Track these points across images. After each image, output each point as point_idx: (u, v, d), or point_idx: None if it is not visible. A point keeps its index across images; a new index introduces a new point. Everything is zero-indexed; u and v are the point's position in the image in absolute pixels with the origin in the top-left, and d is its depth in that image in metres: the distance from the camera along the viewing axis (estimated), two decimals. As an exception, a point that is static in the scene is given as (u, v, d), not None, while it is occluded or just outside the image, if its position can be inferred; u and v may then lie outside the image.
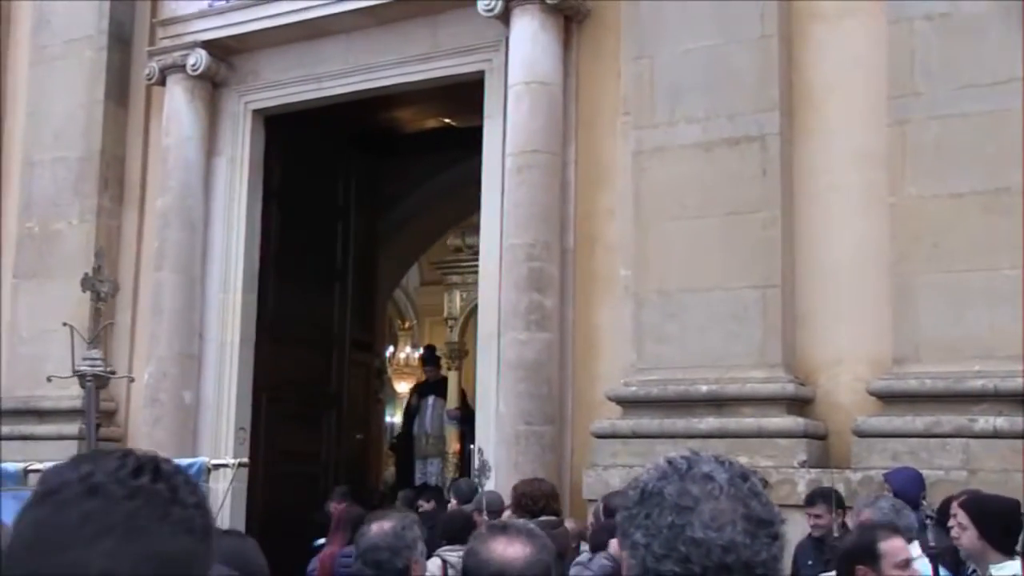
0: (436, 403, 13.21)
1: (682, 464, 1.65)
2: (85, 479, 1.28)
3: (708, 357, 7.80)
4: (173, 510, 1.28)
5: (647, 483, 1.64)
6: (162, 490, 1.29)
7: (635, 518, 1.62)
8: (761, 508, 1.61)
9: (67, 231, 10.94)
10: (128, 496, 1.27)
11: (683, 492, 1.60)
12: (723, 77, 8.05)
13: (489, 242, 9.33)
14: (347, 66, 10.29)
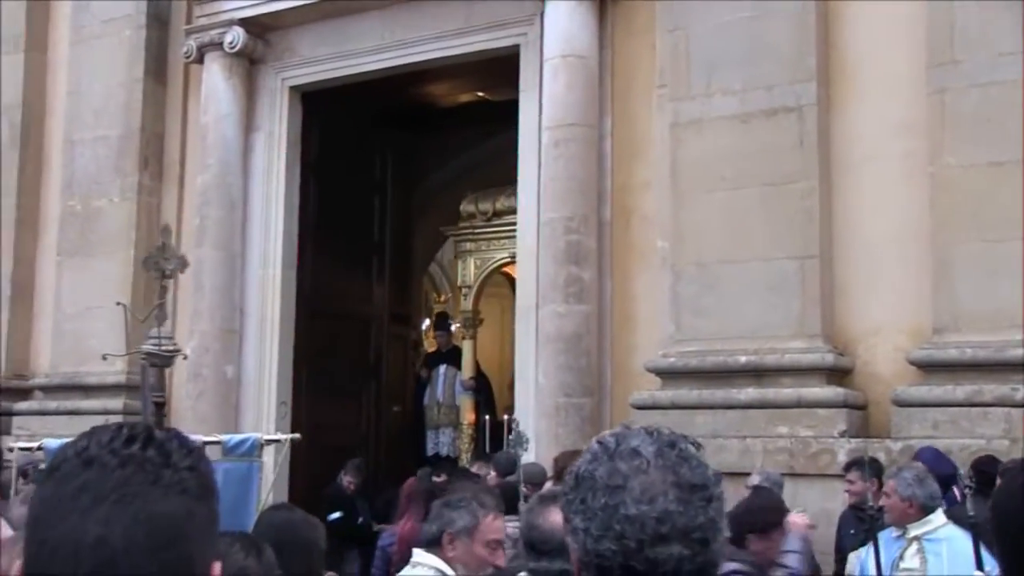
0: (448, 372, 12.89)
1: (611, 442, 1.65)
2: (81, 453, 1.34)
3: (746, 328, 7.83)
4: (164, 473, 1.33)
5: (580, 468, 1.65)
6: (153, 456, 1.33)
7: (572, 503, 1.63)
8: (691, 473, 1.60)
9: (108, 209, 11.07)
10: (120, 464, 1.32)
11: (612, 472, 1.60)
12: (759, 48, 8.03)
13: (526, 216, 9.37)
14: (383, 42, 10.33)
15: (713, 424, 7.77)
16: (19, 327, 11.64)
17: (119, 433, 1.37)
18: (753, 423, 7.61)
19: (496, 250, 12.64)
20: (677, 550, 1.55)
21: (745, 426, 7.63)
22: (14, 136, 11.87)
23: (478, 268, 12.71)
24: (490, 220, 12.58)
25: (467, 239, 12.82)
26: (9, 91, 11.97)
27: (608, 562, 1.57)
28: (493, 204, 12.55)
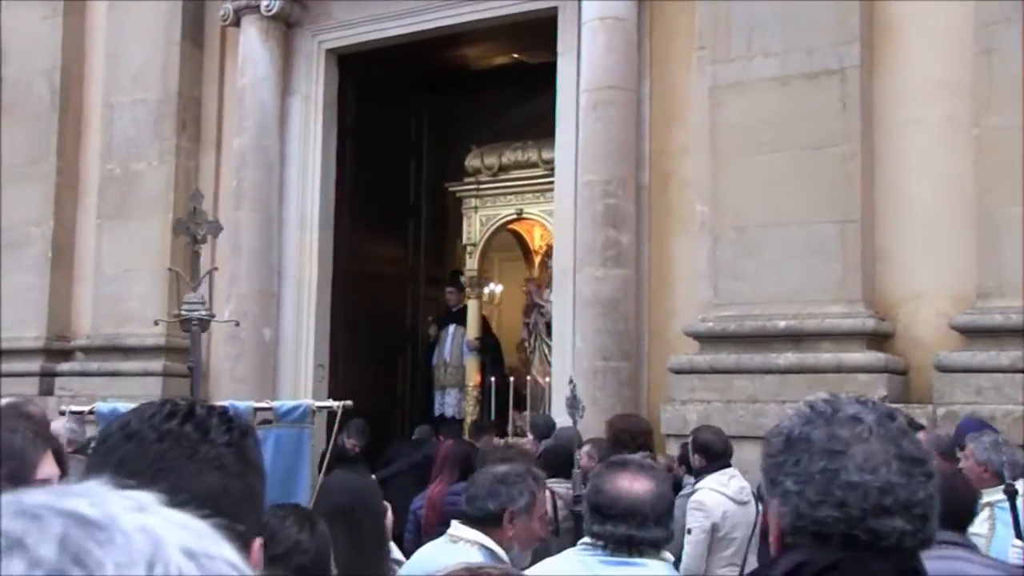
0: (457, 332, 12.39)
1: (825, 408, 1.61)
2: (124, 427, 1.39)
3: (786, 292, 7.78)
4: (201, 448, 1.36)
5: (791, 429, 1.61)
6: (190, 432, 1.37)
7: (783, 466, 1.59)
8: (912, 447, 1.58)
9: (147, 172, 11.12)
10: (158, 439, 1.36)
11: (832, 436, 1.56)
12: (800, 10, 7.93)
13: (564, 179, 9.34)
14: (418, 4, 10.28)
15: (752, 389, 7.75)
16: (60, 289, 11.75)
17: (161, 409, 1.41)
18: (792, 388, 7.57)
19: (503, 206, 12.04)
20: (900, 524, 1.52)
21: (784, 391, 7.59)
22: (54, 100, 11.92)
23: (483, 225, 12.05)
24: (496, 175, 11.95)
25: (472, 195, 12.14)
26: (48, 55, 12.02)
27: (828, 529, 1.53)
28: (499, 158, 11.90)
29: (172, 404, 1.43)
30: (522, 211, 11.77)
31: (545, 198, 11.05)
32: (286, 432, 5.57)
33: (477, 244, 11.89)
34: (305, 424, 5.60)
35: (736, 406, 7.69)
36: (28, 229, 11.84)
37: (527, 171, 11.64)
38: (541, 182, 11.25)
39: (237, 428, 1.42)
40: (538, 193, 11.41)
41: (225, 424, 1.41)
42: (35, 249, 11.78)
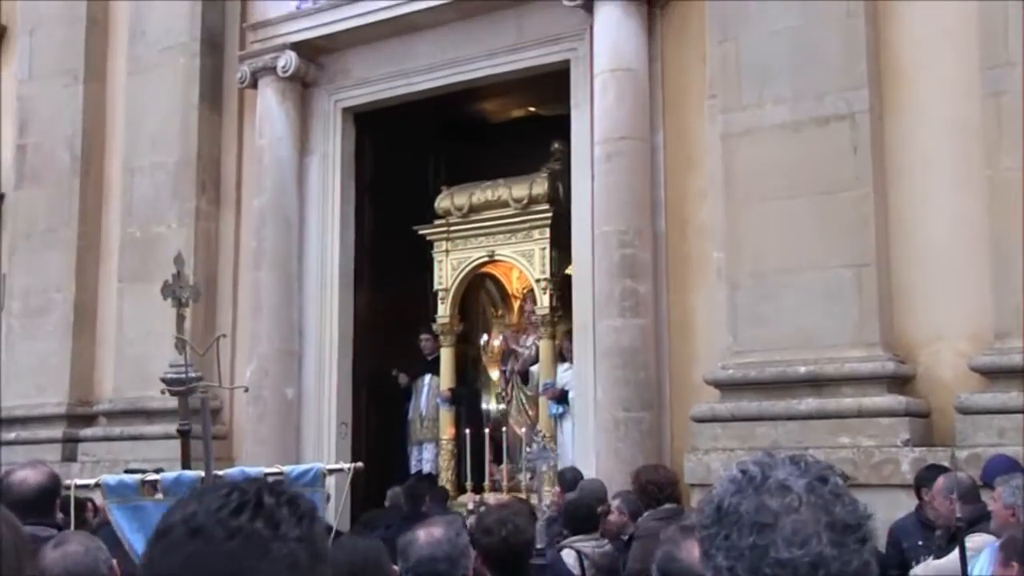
0: (432, 382, 11.51)
1: (756, 473, 1.54)
2: (188, 520, 1.32)
3: (805, 338, 7.76)
4: (274, 547, 1.29)
5: (722, 498, 1.54)
6: (260, 529, 1.30)
7: (715, 539, 1.53)
8: (845, 512, 1.51)
9: (167, 234, 11.22)
10: (228, 537, 1.29)
11: (760, 507, 1.50)
12: (809, 56, 7.99)
13: (580, 229, 9.39)
14: (435, 61, 10.42)
15: (774, 435, 7.71)
16: (83, 354, 11.82)
17: (228, 500, 1.33)
18: (814, 433, 7.54)
19: (474, 248, 11.11)
20: None
21: (806, 437, 7.55)
22: (75, 165, 12.09)
23: (455, 270, 11.10)
24: (467, 216, 11.07)
25: (442, 237, 11.15)
26: (70, 121, 12.21)
27: None
28: (469, 198, 11.07)
29: (240, 493, 1.34)
30: (494, 253, 11.04)
31: (517, 238, 10.79)
32: None
33: (449, 290, 11.12)
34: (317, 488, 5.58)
35: (759, 453, 7.63)
36: (50, 295, 11.94)
37: (498, 211, 10.93)
38: (512, 222, 10.82)
39: (307, 516, 1.35)
40: (509, 234, 10.87)
41: (296, 515, 1.34)
42: (57, 314, 11.88)
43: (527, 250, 10.68)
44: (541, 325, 10.58)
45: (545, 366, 10.45)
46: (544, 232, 10.51)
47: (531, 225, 10.63)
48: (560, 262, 10.52)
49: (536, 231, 10.59)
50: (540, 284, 10.57)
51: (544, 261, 10.50)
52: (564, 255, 10.43)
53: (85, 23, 12.32)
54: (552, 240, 10.43)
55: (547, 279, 10.48)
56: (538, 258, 10.56)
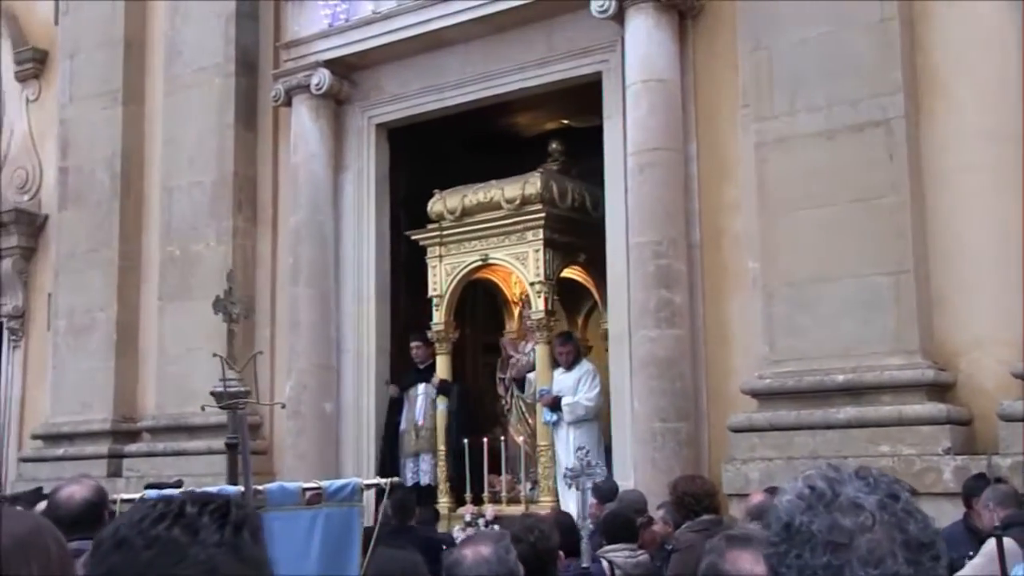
0: (427, 391, 10.88)
1: (824, 489, 1.53)
2: (114, 533, 1.36)
3: (842, 346, 7.72)
4: (191, 552, 1.32)
5: (792, 516, 1.53)
6: (178, 536, 1.33)
7: (785, 556, 1.52)
8: (918, 530, 1.49)
9: (206, 252, 11.34)
10: (146, 546, 1.32)
11: (833, 526, 1.49)
12: (843, 63, 7.95)
13: (615, 241, 9.37)
14: (466, 75, 10.46)
15: (812, 445, 7.67)
16: (126, 371, 11.96)
17: (152, 511, 1.37)
18: (854, 442, 7.49)
19: (467, 253, 10.63)
20: None
21: (845, 446, 7.50)
22: (114, 186, 12.24)
23: (448, 275, 10.62)
24: (460, 219, 10.62)
25: (435, 242, 10.69)
26: (109, 143, 12.37)
27: None
28: (462, 201, 10.61)
29: (164, 504, 1.38)
30: (487, 256, 10.53)
31: (510, 240, 10.36)
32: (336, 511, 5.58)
33: (444, 295, 10.61)
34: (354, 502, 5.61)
35: (798, 463, 7.60)
36: (94, 314, 12.10)
37: (491, 213, 10.47)
38: (505, 224, 10.38)
39: (231, 523, 1.37)
40: (502, 236, 10.42)
41: (217, 521, 1.36)
42: (100, 333, 12.03)
43: (521, 253, 10.30)
44: (537, 330, 10.27)
45: (542, 372, 10.17)
46: (538, 233, 10.14)
47: (524, 227, 10.24)
48: (555, 264, 10.29)
49: (530, 232, 10.20)
50: (535, 288, 10.21)
51: (539, 263, 10.13)
52: (560, 257, 10.34)
53: (123, 46, 12.49)
54: (547, 242, 10.13)
55: (541, 282, 10.13)
56: (532, 260, 10.18)
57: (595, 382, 9.89)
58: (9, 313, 13.47)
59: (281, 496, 5.80)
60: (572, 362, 10.06)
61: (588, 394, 9.83)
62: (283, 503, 5.77)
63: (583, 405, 9.78)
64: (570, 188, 10.60)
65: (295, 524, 5.65)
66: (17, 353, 13.46)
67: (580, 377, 9.96)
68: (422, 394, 10.98)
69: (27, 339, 13.42)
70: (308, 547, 5.66)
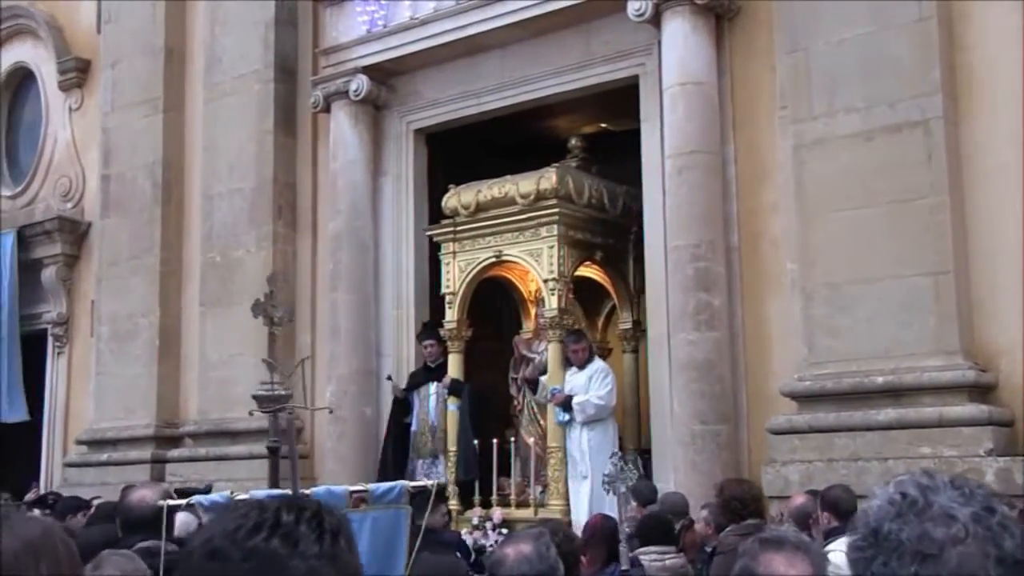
0: (439, 391, 10.46)
1: (916, 496, 1.49)
2: (206, 544, 1.32)
3: (882, 348, 7.69)
4: (291, 564, 1.29)
5: (880, 523, 1.50)
6: (277, 547, 1.29)
7: (870, 563, 1.49)
8: (1014, 546, 1.43)
9: (246, 258, 11.45)
10: (243, 558, 1.28)
11: (923, 536, 1.44)
12: (881, 64, 7.92)
13: (653, 244, 9.37)
14: (503, 80, 10.51)
15: (853, 447, 7.65)
16: (168, 377, 12.09)
17: (245, 520, 1.33)
18: (894, 444, 7.46)
19: (481, 249, 10.26)
20: None
21: (886, 448, 7.48)
22: (156, 193, 12.39)
23: (462, 272, 10.29)
24: (474, 215, 10.29)
25: (449, 239, 10.36)
26: (150, 150, 12.51)
27: None
28: (476, 196, 10.27)
29: (258, 513, 1.34)
30: (501, 253, 10.16)
31: (524, 237, 10.00)
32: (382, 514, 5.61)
33: (457, 293, 10.28)
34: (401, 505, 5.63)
35: (838, 465, 7.59)
36: (136, 320, 12.24)
37: (505, 209, 10.14)
38: (519, 219, 10.02)
39: (329, 532, 1.34)
40: (516, 232, 10.05)
41: (316, 531, 1.33)
42: (143, 339, 12.17)
43: (535, 249, 9.94)
44: (550, 328, 9.88)
45: (553, 372, 9.82)
46: (552, 230, 9.82)
47: (538, 223, 9.90)
48: (570, 262, 9.97)
49: (544, 229, 9.88)
50: (548, 285, 9.83)
51: (552, 260, 9.78)
52: (576, 254, 10.09)
53: (163, 54, 12.64)
54: (561, 238, 9.81)
55: (555, 279, 9.76)
56: (546, 257, 9.84)
57: (607, 380, 9.61)
58: (53, 320, 13.65)
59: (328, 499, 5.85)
60: (585, 361, 9.75)
61: (599, 392, 9.50)
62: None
63: (593, 404, 9.45)
64: (587, 185, 10.32)
65: None
66: (61, 359, 13.64)
67: (592, 375, 9.65)
68: (433, 394, 10.58)
69: (71, 345, 13.61)
70: None
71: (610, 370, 9.82)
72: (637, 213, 10.02)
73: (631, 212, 10.39)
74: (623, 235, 10.64)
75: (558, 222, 9.83)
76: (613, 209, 10.46)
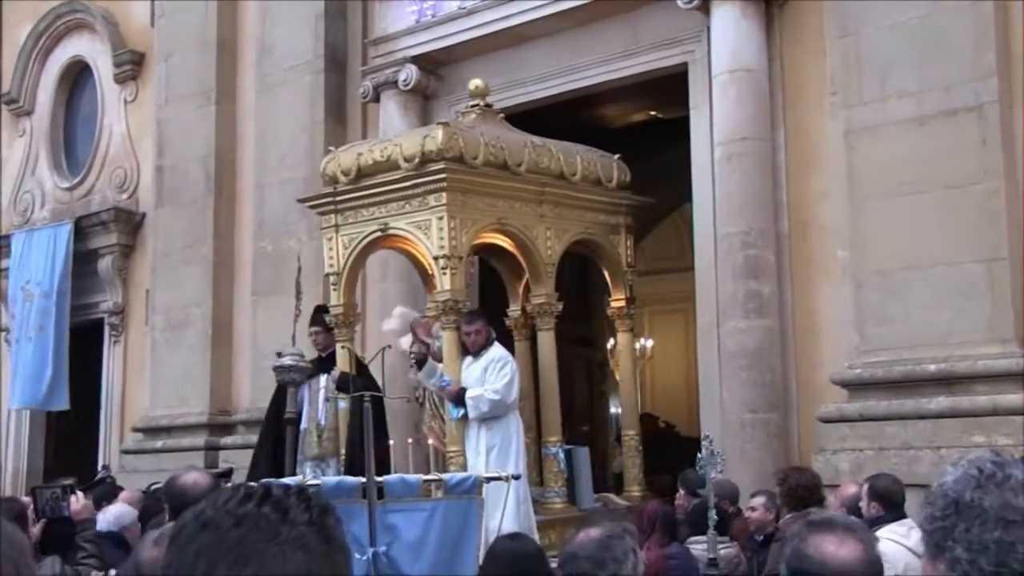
0: (329, 384, 9.13)
1: (995, 472, 1.58)
2: (198, 516, 1.34)
3: (934, 335, 7.59)
4: (282, 530, 1.30)
5: (960, 494, 1.58)
6: (268, 513, 1.31)
7: (951, 531, 1.56)
8: None
9: (297, 248, 11.51)
10: (235, 524, 1.30)
11: (1005, 504, 1.53)
12: (934, 48, 7.81)
13: (702, 231, 9.33)
14: (551, 69, 10.50)
15: (904, 435, 7.57)
16: (221, 366, 12.23)
17: (236, 493, 1.36)
18: (946, 433, 7.37)
19: (365, 222, 8.70)
20: None
21: (938, 436, 7.39)
22: (209, 184, 12.52)
23: (346, 248, 8.78)
24: (356, 182, 8.75)
25: (329, 210, 8.85)
26: (203, 142, 12.64)
27: None
28: (357, 161, 8.74)
29: (247, 488, 1.37)
30: (387, 225, 8.57)
31: (411, 207, 8.39)
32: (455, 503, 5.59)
33: (342, 273, 8.79)
34: (474, 495, 5.61)
35: (889, 454, 7.52)
36: (189, 309, 12.39)
37: (389, 175, 8.55)
38: (405, 187, 8.42)
39: (317, 506, 1.36)
40: (403, 201, 8.46)
41: (304, 503, 1.35)
42: (196, 328, 12.31)
43: (423, 221, 8.32)
44: (444, 313, 8.34)
45: (449, 361, 8.34)
46: (441, 198, 8.17)
47: (425, 190, 8.27)
48: (465, 234, 8.35)
49: (431, 197, 8.24)
50: (439, 263, 8.23)
51: (443, 234, 8.16)
52: (472, 225, 8.47)
53: (216, 47, 12.76)
54: (453, 207, 8.20)
55: (447, 256, 8.16)
56: (435, 230, 8.21)
57: (504, 371, 8.23)
58: (109, 309, 13.85)
59: (402, 488, 5.86)
60: (480, 347, 8.43)
61: (494, 385, 8.15)
62: (403, 495, 5.83)
63: (487, 399, 8.08)
64: (482, 141, 8.54)
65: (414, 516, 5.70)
66: (117, 348, 13.84)
67: (487, 366, 8.31)
68: (323, 387, 9.30)
69: (126, 334, 13.79)
70: (426, 539, 5.69)
71: (510, 359, 8.45)
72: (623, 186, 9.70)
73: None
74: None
75: (446, 189, 8.19)
76: (518, 167, 8.87)
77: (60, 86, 15.16)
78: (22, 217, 14.98)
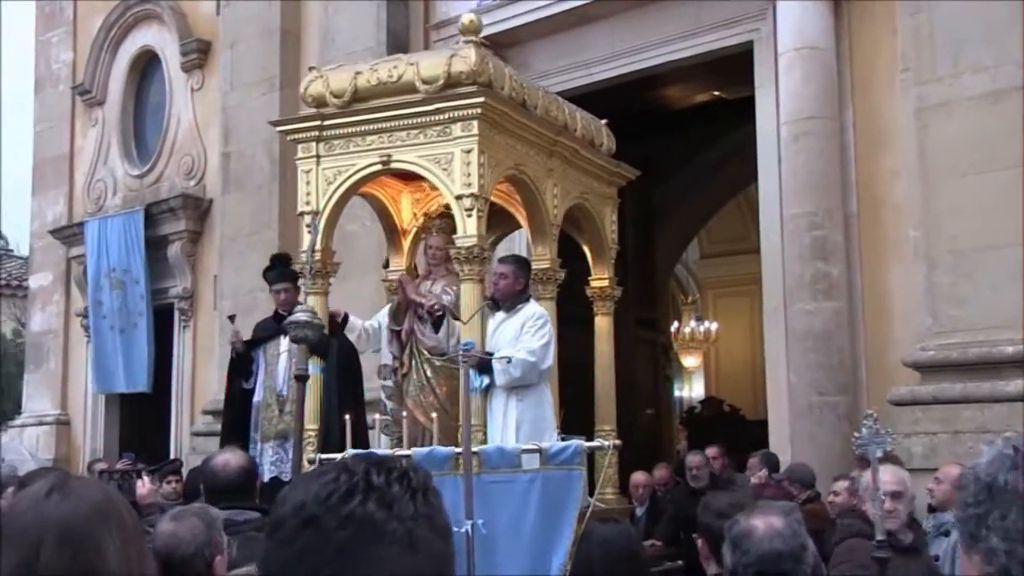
0: (292, 349, 7.17)
1: None
2: (298, 511, 1.28)
3: (1009, 317, 7.42)
4: (388, 528, 1.26)
5: (993, 477, 1.45)
6: (373, 511, 1.26)
7: (985, 518, 1.44)
8: None
9: (361, 232, 11.55)
10: (340, 526, 1.25)
11: None
12: (1010, 21, 7.62)
13: (769, 212, 9.22)
14: (613, 50, 10.43)
15: (980, 419, 7.42)
16: (287, 350, 12.30)
17: (337, 484, 1.29)
18: None
19: (358, 153, 6.98)
20: None
21: (1015, 419, 7.23)
22: (273, 169, 12.60)
23: (329, 183, 7.10)
24: (349, 106, 7.04)
25: (311, 138, 7.14)
26: (267, 127, 12.67)
27: None
28: (354, 81, 7.03)
29: (348, 477, 1.29)
30: (390, 157, 6.85)
31: (426, 136, 6.69)
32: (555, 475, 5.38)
33: (321, 213, 7.14)
34: (575, 466, 5.41)
35: (965, 437, 7.38)
36: (255, 294, 12.47)
37: (399, 98, 6.85)
38: (418, 113, 6.71)
39: (420, 490, 1.30)
40: (416, 131, 6.73)
41: (408, 490, 1.29)
42: (262, 312, 12.36)
43: (442, 155, 6.65)
44: (466, 262, 6.57)
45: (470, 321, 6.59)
46: (471, 127, 6.52)
47: (451, 117, 6.59)
48: (492, 174, 6.68)
49: (458, 126, 6.57)
50: (464, 203, 6.54)
51: (471, 169, 6.51)
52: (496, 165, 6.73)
53: (279, 35, 12.83)
54: (484, 140, 6.55)
55: (474, 196, 6.49)
56: (460, 165, 6.54)
57: (543, 330, 6.83)
58: (179, 294, 14.02)
59: (499, 458, 5.71)
60: (514, 300, 6.96)
61: (529, 345, 6.69)
62: (499, 465, 5.64)
63: (519, 361, 6.56)
64: (507, 73, 7.05)
65: (512, 487, 5.51)
66: (187, 332, 14.01)
67: (523, 323, 6.84)
68: (285, 351, 8.02)
69: (195, 319, 13.95)
70: (525, 510, 5.49)
71: (548, 319, 7.06)
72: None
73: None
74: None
75: (478, 117, 6.51)
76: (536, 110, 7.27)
77: (130, 76, 15.35)
78: (95, 205, 15.22)
